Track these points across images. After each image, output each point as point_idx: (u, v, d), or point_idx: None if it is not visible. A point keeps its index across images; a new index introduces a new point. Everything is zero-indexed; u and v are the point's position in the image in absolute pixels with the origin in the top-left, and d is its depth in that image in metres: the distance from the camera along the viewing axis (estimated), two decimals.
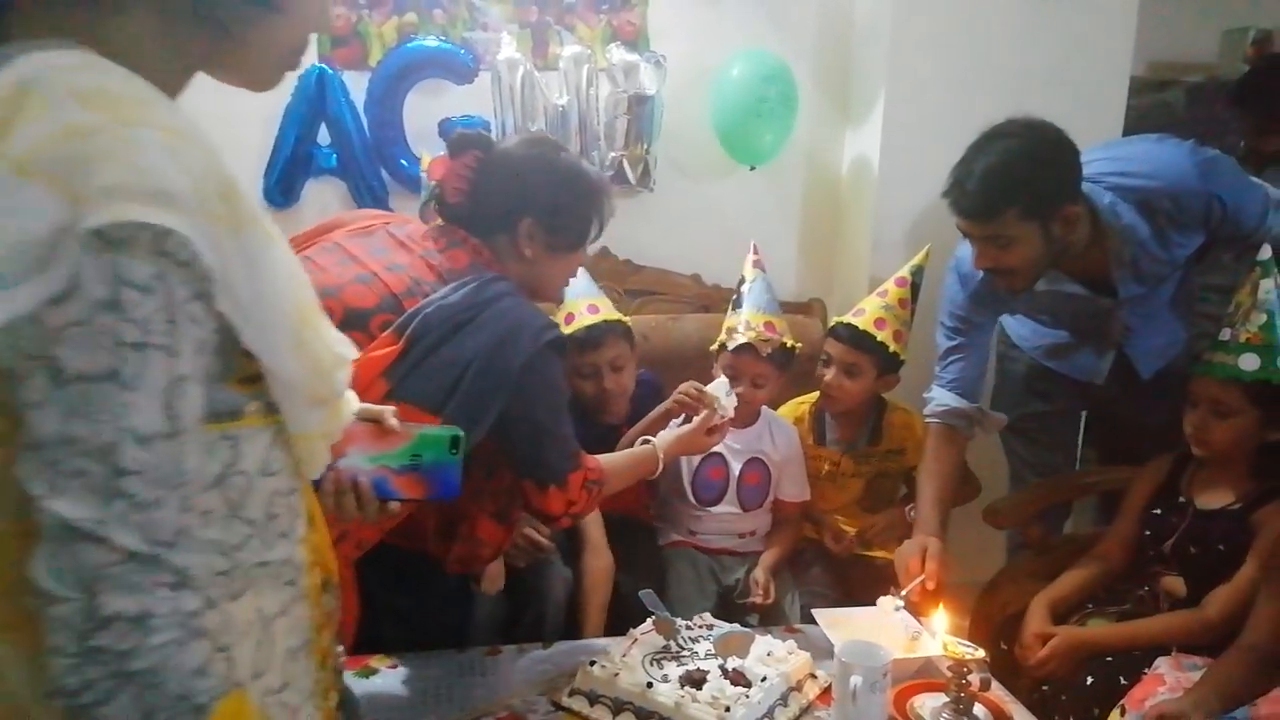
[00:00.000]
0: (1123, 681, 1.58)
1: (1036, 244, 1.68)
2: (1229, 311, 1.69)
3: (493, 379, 1.27)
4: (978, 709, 1.35)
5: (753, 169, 2.54)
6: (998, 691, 1.42)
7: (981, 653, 1.35)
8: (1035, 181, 1.64)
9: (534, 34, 2.46)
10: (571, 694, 1.33)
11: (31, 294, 0.55)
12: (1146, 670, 1.57)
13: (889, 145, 2.43)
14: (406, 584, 1.48)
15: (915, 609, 1.63)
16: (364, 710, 1.29)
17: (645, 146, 2.45)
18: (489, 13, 2.43)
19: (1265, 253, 1.68)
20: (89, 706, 0.55)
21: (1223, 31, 3.41)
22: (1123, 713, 1.50)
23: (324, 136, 2.37)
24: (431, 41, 2.36)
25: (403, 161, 2.39)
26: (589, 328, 1.92)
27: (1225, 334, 1.66)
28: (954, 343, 1.97)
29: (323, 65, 2.32)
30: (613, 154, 2.46)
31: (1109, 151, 1.83)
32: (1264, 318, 1.63)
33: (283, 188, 2.37)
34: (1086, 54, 2.40)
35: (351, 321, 1.25)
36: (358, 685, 1.36)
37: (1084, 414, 2.26)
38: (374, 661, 1.43)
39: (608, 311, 1.98)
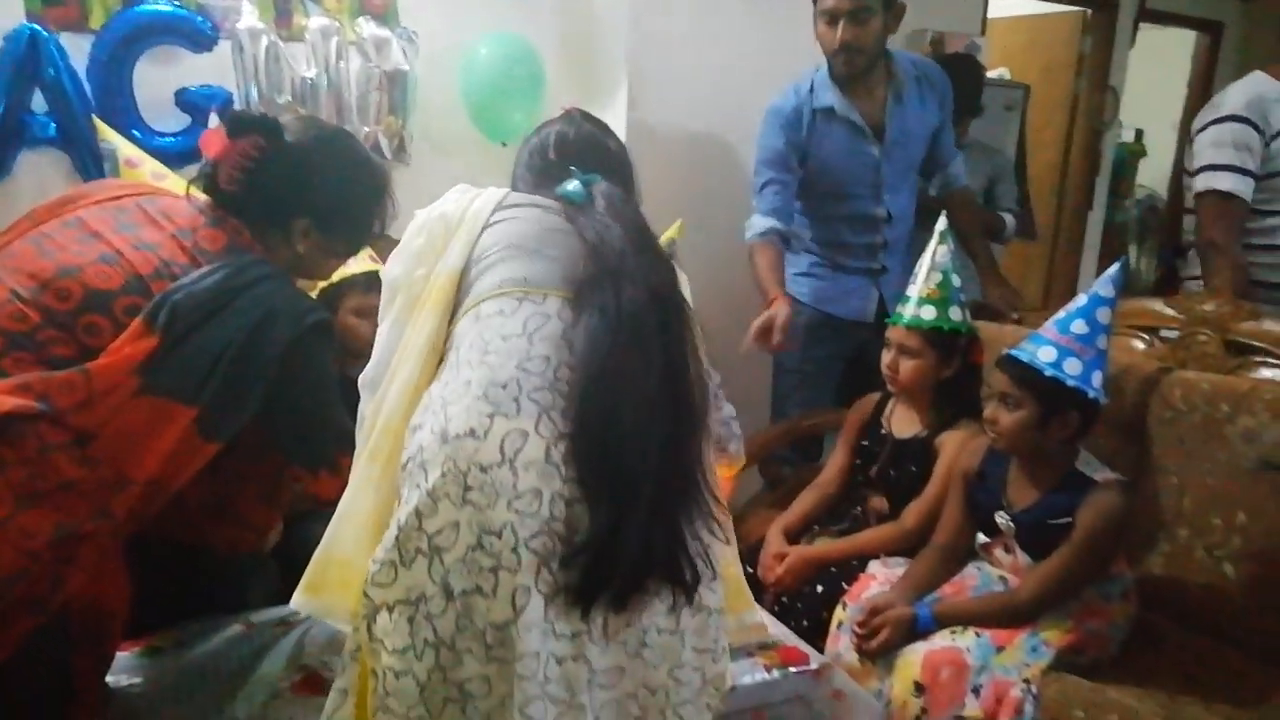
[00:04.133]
0: (844, 586, 1.87)
1: (879, 27, 2.23)
2: (915, 271, 2.03)
3: (251, 366, 1.23)
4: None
5: (505, 145, 2.63)
6: None
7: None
8: None
9: (276, 3, 2.39)
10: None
11: None
12: (862, 574, 1.88)
13: (633, 126, 2.61)
14: (176, 569, 1.45)
15: None
16: (156, 692, 1.28)
17: (401, 121, 2.48)
18: None
19: (942, 223, 2.02)
20: None
21: (908, 33, 3.93)
22: (844, 607, 1.80)
23: (40, 104, 2.18)
24: (163, 5, 2.23)
25: (135, 132, 2.24)
26: (371, 272, 1.91)
27: (911, 289, 1.99)
28: (770, 175, 2.37)
29: (34, 25, 2.12)
30: (366, 129, 2.46)
31: None
32: (940, 276, 1.97)
33: None
34: (802, 47, 2.72)
35: (93, 304, 1.20)
36: (141, 667, 1.34)
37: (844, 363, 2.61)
38: (156, 640, 1.40)
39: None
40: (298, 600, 1.17)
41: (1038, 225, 3.79)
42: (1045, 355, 1.62)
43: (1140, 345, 2.07)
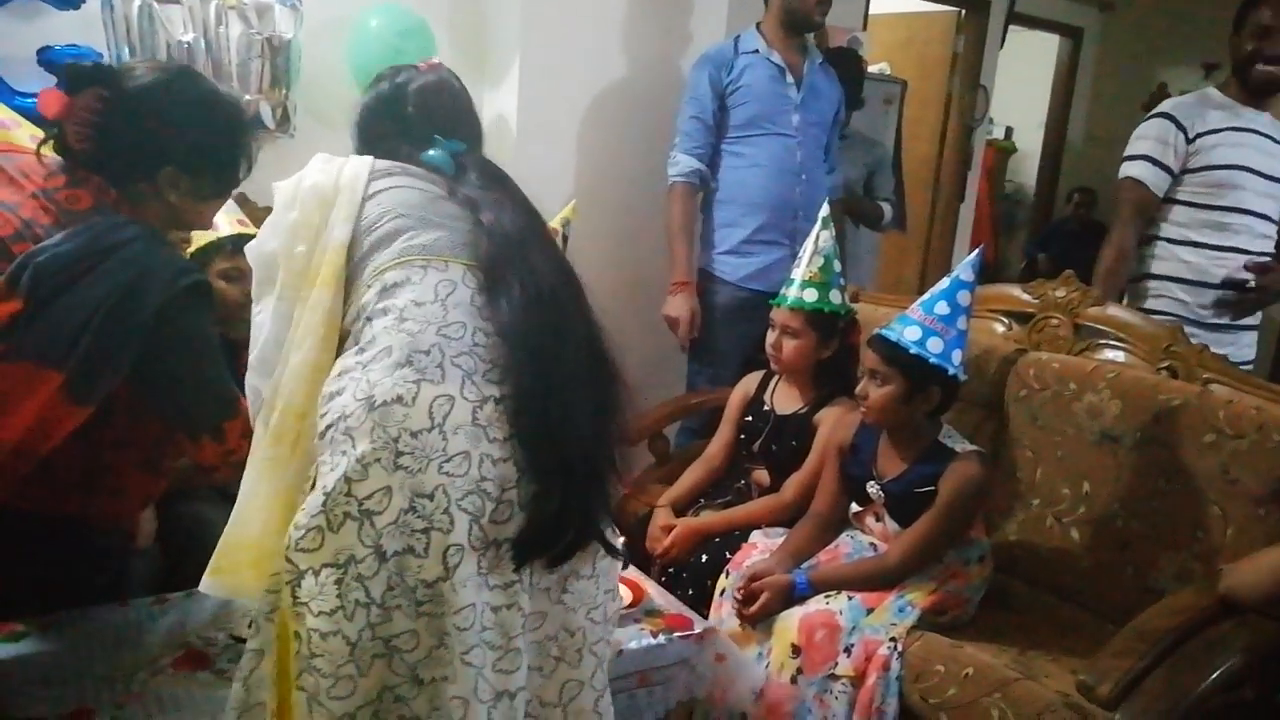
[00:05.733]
0: (728, 555, 1.94)
1: None
2: (799, 255, 2.11)
3: (122, 327, 1.19)
4: (621, 589, 1.61)
5: None
6: (634, 575, 1.70)
7: (620, 539, 1.61)
8: None
9: None
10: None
11: None
12: (745, 543, 1.96)
13: (526, 106, 2.61)
14: (49, 545, 1.39)
15: None
16: (25, 673, 1.24)
17: (284, 91, 2.41)
18: None
19: (824, 210, 2.11)
20: None
21: None
22: (727, 575, 1.87)
23: None
24: None
25: None
26: (239, 235, 1.88)
27: (795, 273, 2.07)
28: (693, 111, 2.54)
29: None
30: (248, 96, 2.38)
31: None
32: (822, 260, 2.05)
33: None
34: (696, 29, 2.80)
35: None
36: (5, 650, 1.29)
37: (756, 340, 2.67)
38: (21, 625, 1.34)
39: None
40: (206, 584, 1.13)
41: (911, 216, 3.97)
42: (910, 335, 1.72)
43: (1000, 328, 2.22)
